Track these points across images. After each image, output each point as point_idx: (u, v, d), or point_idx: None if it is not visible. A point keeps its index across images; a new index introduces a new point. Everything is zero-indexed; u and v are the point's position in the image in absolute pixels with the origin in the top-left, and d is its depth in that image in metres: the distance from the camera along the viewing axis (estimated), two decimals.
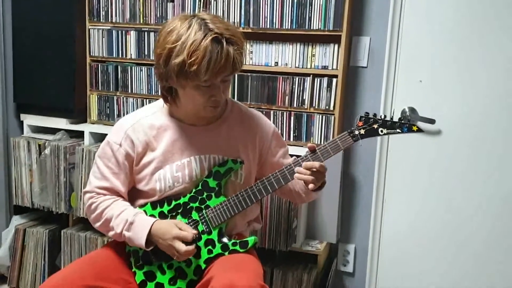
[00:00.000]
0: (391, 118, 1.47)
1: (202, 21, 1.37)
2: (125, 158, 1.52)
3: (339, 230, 2.25)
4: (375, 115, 1.48)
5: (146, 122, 1.54)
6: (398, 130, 1.47)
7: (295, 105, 2.12)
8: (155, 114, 1.56)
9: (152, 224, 1.46)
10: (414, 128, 1.46)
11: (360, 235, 2.30)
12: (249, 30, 2.14)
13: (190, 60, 1.33)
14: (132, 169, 1.55)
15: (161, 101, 1.57)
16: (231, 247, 1.50)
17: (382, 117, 1.48)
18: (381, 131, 1.47)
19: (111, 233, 1.52)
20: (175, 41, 1.36)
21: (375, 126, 1.47)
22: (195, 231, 1.45)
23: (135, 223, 1.47)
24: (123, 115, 2.24)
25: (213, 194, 1.52)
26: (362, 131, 1.47)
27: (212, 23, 1.37)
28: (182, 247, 1.40)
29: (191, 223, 1.52)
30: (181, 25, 1.38)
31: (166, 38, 1.38)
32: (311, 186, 1.46)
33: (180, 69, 1.36)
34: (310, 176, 1.45)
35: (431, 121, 2.08)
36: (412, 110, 2.13)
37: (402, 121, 1.46)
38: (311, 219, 2.15)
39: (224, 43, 1.35)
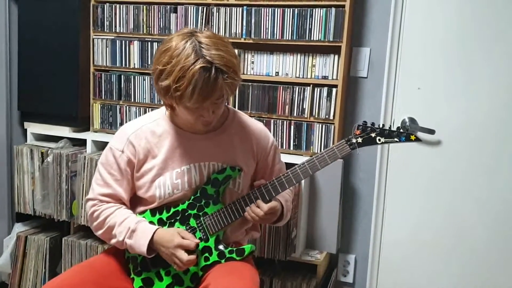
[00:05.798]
0: (389, 127, 1.48)
1: (197, 45, 1.35)
2: (127, 165, 1.53)
3: (339, 240, 2.25)
4: (373, 124, 1.49)
5: (148, 129, 1.55)
6: (396, 139, 1.47)
7: (295, 114, 2.14)
8: (156, 121, 1.57)
9: (154, 232, 1.46)
10: (412, 137, 1.46)
11: (361, 245, 2.29)
12: (251, 41, 2.16)
13: (175, 86, 1.34)
14: (133, 176, 1.56)
15: (163, 108, 1.58)
16: (227, 255, 1.50)
17: (380, 126, 1.49)
18: (379, 140, 1.47)
19: (113, 241, 1.52)
20: (166, 63, 1.36)
21: (373, 134, 1.48)
22: (197, 240, 1.46)
23: (137, 231, 1.47)
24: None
25: (211, 201, 1.53)
26: (360, 140, 1.48)
27: (206, 48, 1.35)
28: (184, 256, 1.41)
29: (189, 230, 1.52)
30: (175, 45, 1.36)
31: (159, 58, 1.39)
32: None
33: (166, 92, 1.38)
34: (257, 219, 1.48)
35: (431, 132, 2.08)
36: (412, 120, 2.14)
37: (400, 130, 1.46)
38: (311, 228, 2.15)
39: (213, 72, 1.33)
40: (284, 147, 2.16)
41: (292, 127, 2.15)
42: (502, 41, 1.99)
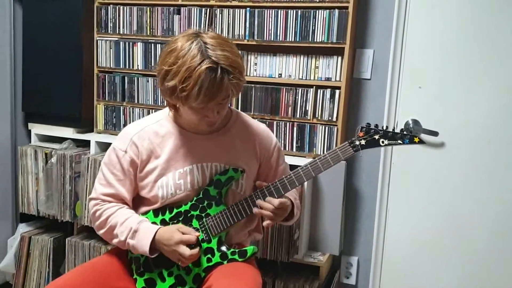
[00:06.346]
0: (393, 129, 1.47)
1: (203, 45, 1.36)
2: (130, 165, 1.54)
3: (342, 242, 2.25)
4: (376, 126, 1.48)
5: (151, 130, 1.56)
6: (399, 141, 1.47)
7: (298, 116, 2.14)
8: (160, 122, 1.58)
9: (156, 232, 1.47)
10: (416, 140, 1.46)
11: (363, 247, 2.29)
12: (254, 43, 2.17)
13: (181, 86, 1.34)
14: (136, 176, 1.56)
15: (167, 109, 1.59)
16: (230, 256, 1.50)
17: (384, 128, 1.48)
18: (382, 142, 1.47)
19: (115, 241, 1.53)
20: (172, 64, 1.37)
21: (376, 137, 1.47)
22: (197, 233, 1.46)
23: (139, 231, 1.48)
24: None
25: (213, 202, 1.53)
26: (363, 142, 1.47)
27: (212, 49, 1.35)
28: (186, 251, 1.41)
29: None
30: (181, 46, 1.37)
31: (165, 58, 1.40)
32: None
33: (172, 92, 1.38)
34: (270, 213, 1.47)
35: (434, 134, 2.08)
36: (416, 122, 2.13)
37: (404, 132, 1.46)
38: (314, 230, 2.15)
39: (219, 72, 1.34)
40: (287, 149, 2.16)
41: (295, 128, 2.15)
42: (503, 42, 1.98)
